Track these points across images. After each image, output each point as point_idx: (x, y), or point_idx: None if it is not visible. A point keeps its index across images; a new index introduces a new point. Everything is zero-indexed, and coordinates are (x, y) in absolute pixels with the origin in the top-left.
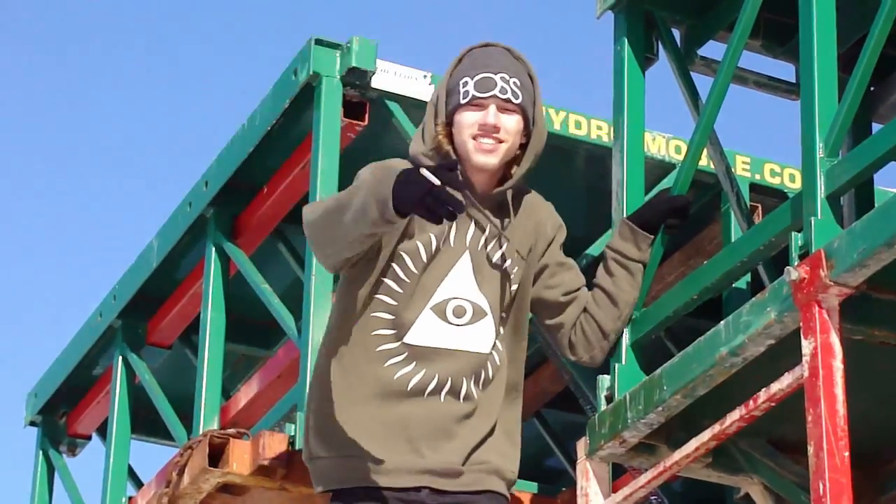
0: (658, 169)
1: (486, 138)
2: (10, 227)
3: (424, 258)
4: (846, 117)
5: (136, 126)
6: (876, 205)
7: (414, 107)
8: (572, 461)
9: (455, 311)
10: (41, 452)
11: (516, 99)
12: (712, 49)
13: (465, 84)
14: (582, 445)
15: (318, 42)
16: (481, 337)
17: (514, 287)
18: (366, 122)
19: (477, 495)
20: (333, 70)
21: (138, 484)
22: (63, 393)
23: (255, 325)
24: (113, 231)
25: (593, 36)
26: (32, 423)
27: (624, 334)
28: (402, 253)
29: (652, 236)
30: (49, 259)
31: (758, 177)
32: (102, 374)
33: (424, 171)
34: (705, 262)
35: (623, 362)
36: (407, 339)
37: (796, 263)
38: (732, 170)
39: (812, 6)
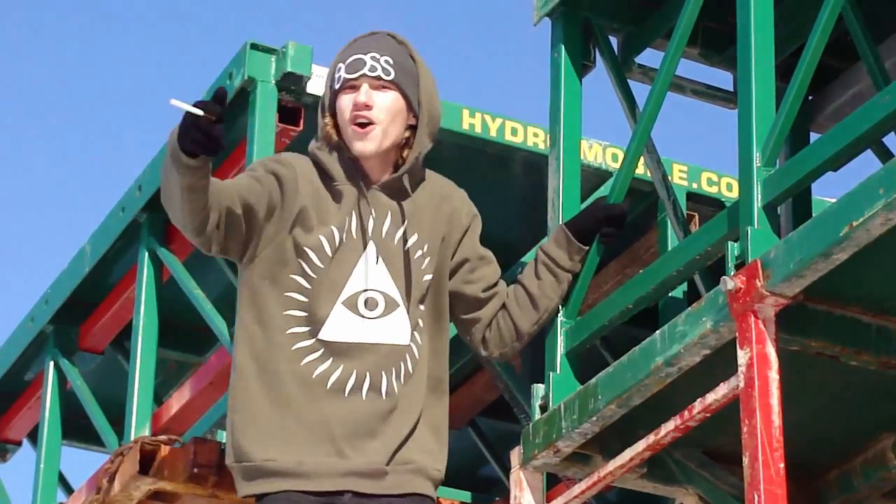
0: (594, 177)
1: (360, 116)
2: None
3: (329, 252)
4: (784, 126)
5: (70, 129)
6: (813, 215)
7: None
8: (506, 470)
9: (367, 303)
10: None
11: (387, 76)
12: (650, 57)
13: (339, 69)
14: (516, 455)
15: (254, 47)
16: (396, 328)
17: (428, 276)
18: (300, 128)
19: (401, 498)
20: (269, 75)
21: (69, 490)
22: None
23: (188, 331)
24: (45, 235)
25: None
26: None
27: (558, 343)
28: (305, 248)
29: (586, 248)
30: None
31: (695, 185)
32: (34, 379)
33: (184, 105)
34: (641, 270)
35: (558, 371)
36: (322, 336)
37: (732, 273)
38: (669, 178)
39: (750, 15)
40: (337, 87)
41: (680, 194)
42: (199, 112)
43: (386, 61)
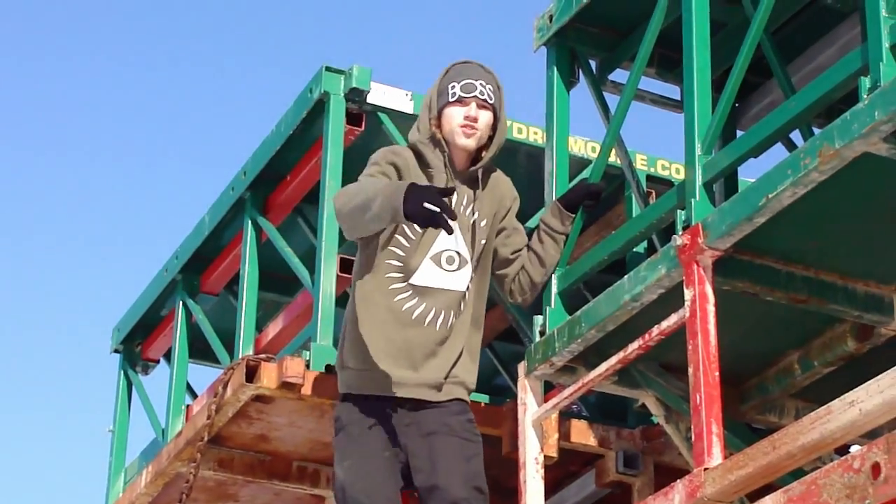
0: (579, 164)
1: (469, 127)
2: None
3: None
4: (717, 126)
5: (196, 133)
6: (739, 190)
7: (398, 117)
8: (514, 380)
9: (447, 259)
10: (122, 373)
11: (490, 100)
12: (619, 75)
13: (454, 87)
14: (521, 368)
15: (328, 69)
16: (463, 279)
17: (483, 241)
18: (362, 129)
19: (448, 403)
20: (339, 90)
21: (194, 395)
22: (138, 328)
23: (281, 279)
24: (176, 209)
25: (531, 64)
26: (116, 351)
27: (553, 285)
28: (404, 228)
29: (573, 215)
30: (131, 229)
31: (652, 170)
32: (167, 315)
33: (426, 204)
34: (613, 232)
35: (552, 306)
36: (412, 281)
37: (680, 233)
38: (633, 165)
39: (693, 44)
40: (451, 99)
41: (641, 176)
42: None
43: (490, 89)
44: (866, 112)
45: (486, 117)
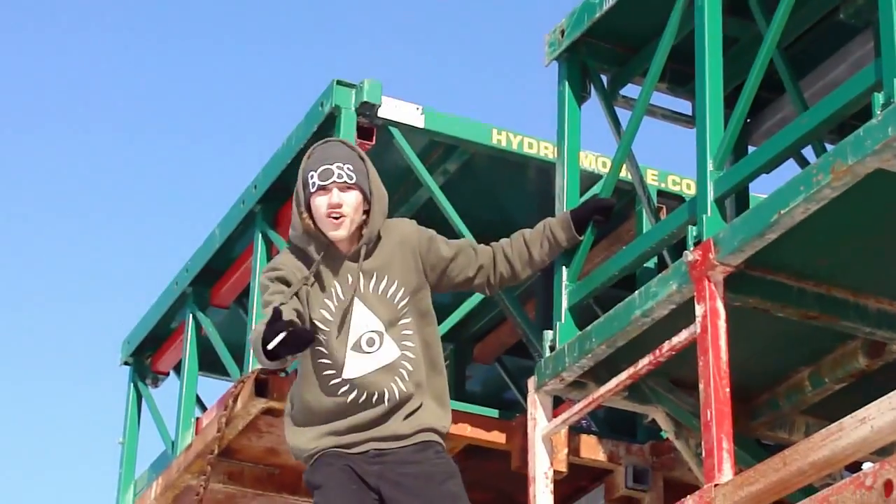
0: (590, 179)
1: (334, 214)
2: (122, 224)
3: (332, 318)
4: (730, 141)
5: (207, 147)
6: (751, 206)
7: (409, 131)
8: (524, 395)
9: (367, 342)
10: (132, 385)
11: (351, 180)
12: (631, 90)
13: (312, 177)
14: (532, 383)
15: (339, 83)
16: (389, 350)
17: (404, 300)
18: (373, 142)
19: (413, 446)
20: (350, 104)
21: (203, 408)
22: (148, 340)
23: None
24: (187, 222)
25: (543, 79)
26: (126, 363)
27: (563, 300)
28: (319, 325)
29: (580, 236)
30: (141, 241)
31: (663, 185)
32: (177, 327)
33: (269, 346)
34: (624, 248)
35: (563, 321)
36: (345, 375)
37: (692, 249)
38: (644, 180)
39: (705, 59)
40: (312, 190)
41: (652, 192)
42: (284, 334)
43: (349, 168)
44: (880, 128)
45: (351, 198)
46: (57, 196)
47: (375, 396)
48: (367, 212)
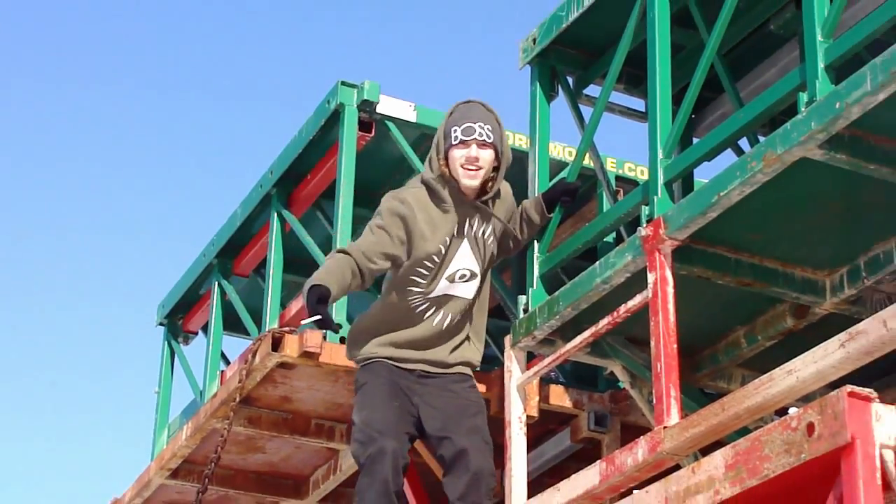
0: (557, 166)
1: (470, 166)
2: (158, 206)
3: (443, 251)
4: (677, 134)
5: (230, 138)
6: (695, 189)
7: (403, 125)
8: (502, 350)
9: (460, 276)
10: (166, 343)
11: (489, 139)
12: (592, 90)
13: (455, 131)
14: (508, 340)
15: (343, 83)
16: (472, 289)
17: (494, 250)
18: (372, 135)
19: (450, 374)
20: (352, 101)
21: (227, 362)
22: (180, 304)
23: (302, 263)
24: (212, 203)
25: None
26: (161, 324)
27: (535, 269)
28: (428, 253)
29: (550, 214)
30: (174, 221)
31: (621, 171)
32: (205, 293)
33: (308, 318)
34: (587, 225)
35: (535, 287)
36: (430, 295)
37: (644, 225)
38: (605, 167)
39: (656, 63)
40: (454, 142)
41: (611, 177)
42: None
43: (488, 129)
44: (804, 122)
45: (486, 155)
46: (108, 184)
47: (450, 317)
48: (495, 168)
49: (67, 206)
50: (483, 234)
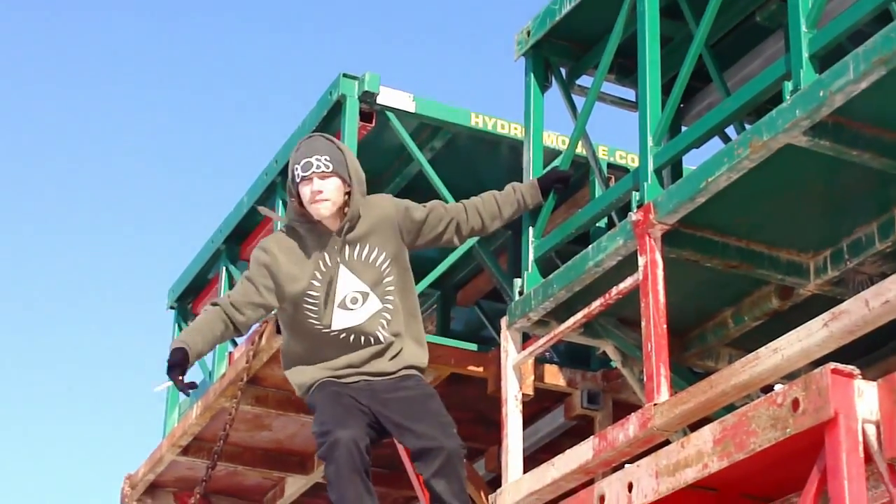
0: (551, 155)
1: (316, 198)
2: (167, 194)
3: (320, 283)
4: (666, 122)
5: (237, 129)
6: (683, 175)
7: (402, 115)
8: (498, 332)
9: (351, 300)
10: (176, 325)
11: (328, 169)
12: (585, 80)
13: (296, 169)
14: (504, 322)
15: (345, 75)
16: (373, 305)
17: (387, 262)
18: (373, 124)
19: (397, 378)
20: (354, 93)
21: (234, 344)
22: (190, 289)
23: None
24: (220, 191)
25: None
26: (171, 308)
27: (530, 252)
28: (306, 291)
29: (543, 202)
30: (184, 208)
31: (612, 159)
32: (213, 278)
33: (163, 383)
34: (579, 210)
35: (529, 271)
36: (334, 327)
37: (635, 210)
38: (597, 155)
39: (646, 55)
40: (298, 181)
41: (603, 164)
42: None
43: (325, 159)
44: (789, 110)
45: (330, 185)
46: (120, 175)
47: (363, 338)
48: (348, 193)
49: (83, 195)
50: (362, 255)
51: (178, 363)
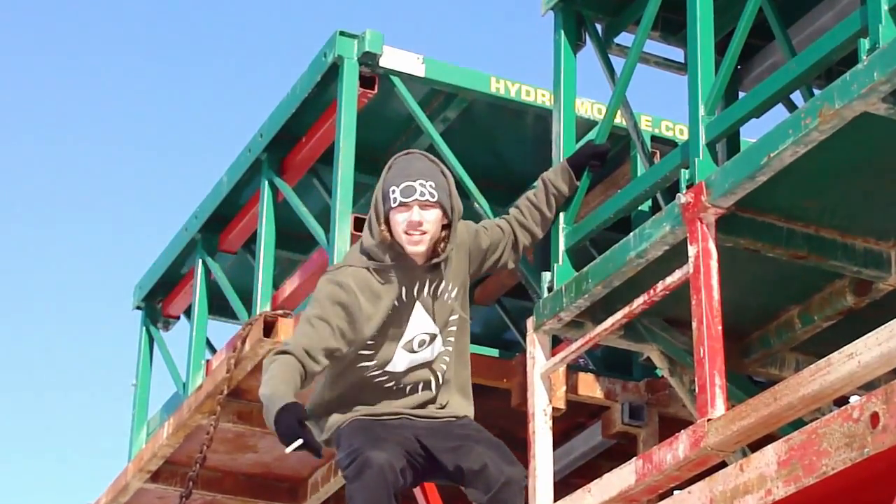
0: (585, 126)
1: (414, 231)
2: (133, 173)
3: (389, 320)
4: (720, 87)
5: (214, 96)
6: (741, 150)
7: (410, 80)
8: (523, 334)
9: (419, 343)
10: (144, 328)
11: (433, 198)
12: (624, 38)
13: (394, 192)
14: (530, 323)
15: (342, 34)
16: (435, 350)
17: (456, 303)
18: (375, 91)
19: (442, 419)
20: (352, 54)
21: (213, 351)
22: (159, 285)
23: (297, 237)
24: (196, 169)
25: (539, 28)
26: (138, 308)
27: (560, 242)
28: (374, 331)
29: (577, 182)
30: (151, 190)
31: (657, 131)
32: (187, 273)
33: (288, 448)
34: (619, 191)
35: (560, 263)
36: (388, 369)
37: (684, 191)
38: (639, 126)
39: (696, 8)
40: (394, 206)
41: (646, 137)
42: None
43: (431, 186)
44: (865, 73)
45: (431, 216)
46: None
47: (412, 385)
48: (445, 226)
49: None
50: (439, 292)
51: (303, 417)
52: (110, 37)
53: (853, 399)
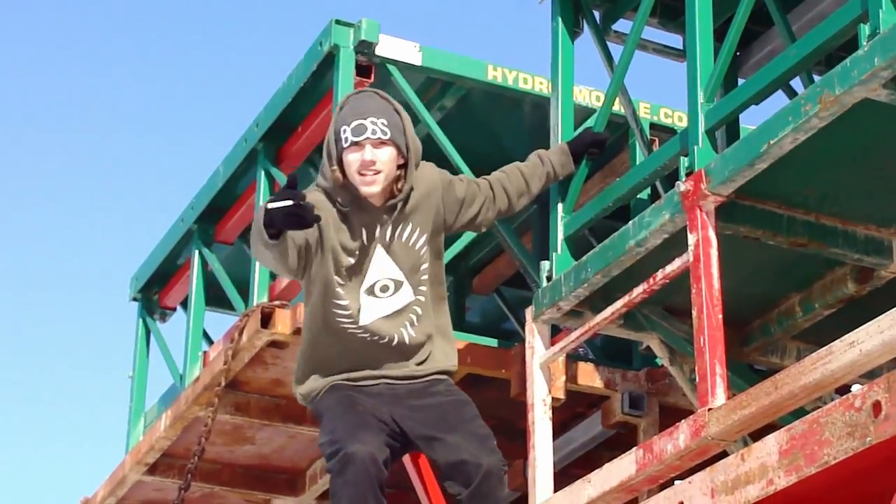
0: (583, 113)
1: (366, 171)
2: (128, 163)
3: (352, 263)
4: (719, 74)
5: (210, 86)
6: (741, 137)
7: (407, 69)
8: (522, 324)
9: (381, 288)
10: (141, 320)
11: (385, 136)
12: (622, 25)
13: (345, 131)
14: (529, 312)
15: (338, 22)
16: (403, 296)
17: (426, 246)
18: (372, 80)
19: (425, 382)
20: (348, 42)
21: (210, 342)
22: (156, 276)
23: None
24: (191, 160)
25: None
26: (134, 299)
27: (559, 231)
28: (340, 266)
29: (575, 168)
30: (147, 180)
31: (655, 118)
32: (183, 263)
33: (269, 204)
34: (617, 179)
35: (559, 252)
36: (360, 322)
37: (683, 179)
38: (637, 113)
39: None
40: (345, 146)
41: (645, 124)
42: (290, 202)
43: (383, 123)
44: (866, 59)
45: (385, 155)
46: (66, 135)
47: (384, 339)
48: (401, 166)
49: (19, 164)
50: (403, 235)
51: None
52: (105, 27)
53: (855, 388)
